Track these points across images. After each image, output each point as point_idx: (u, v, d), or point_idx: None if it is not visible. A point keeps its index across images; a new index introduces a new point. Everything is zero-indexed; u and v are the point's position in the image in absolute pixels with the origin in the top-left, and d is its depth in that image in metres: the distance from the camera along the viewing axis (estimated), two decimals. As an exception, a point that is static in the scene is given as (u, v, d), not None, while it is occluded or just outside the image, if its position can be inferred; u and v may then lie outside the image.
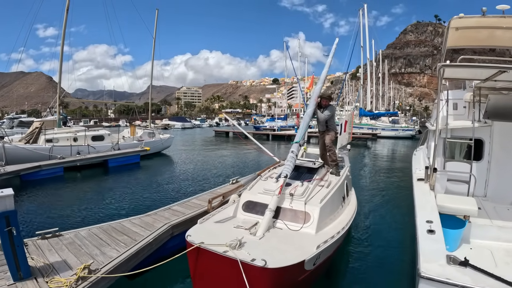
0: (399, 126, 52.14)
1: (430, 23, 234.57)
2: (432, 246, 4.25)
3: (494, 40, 8.48)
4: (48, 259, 5.40)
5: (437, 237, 4.47)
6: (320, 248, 4.61)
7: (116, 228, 6.97)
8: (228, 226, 5.40)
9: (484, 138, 7.91)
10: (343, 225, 5.96)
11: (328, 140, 8.26)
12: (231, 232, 4.97)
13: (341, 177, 7.60)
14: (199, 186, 14.49)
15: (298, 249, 4.56)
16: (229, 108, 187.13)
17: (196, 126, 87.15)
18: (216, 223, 5.51)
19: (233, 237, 4.46)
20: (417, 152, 12.95)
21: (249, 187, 6.75)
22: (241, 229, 5.15)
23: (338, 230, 5.59)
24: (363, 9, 55.21)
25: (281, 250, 4.54)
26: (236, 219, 5.78)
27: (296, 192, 5.95)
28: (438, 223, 4.88)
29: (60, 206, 11.32)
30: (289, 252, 4.45)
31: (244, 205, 6.07)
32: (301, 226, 5.40)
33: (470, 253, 4.79)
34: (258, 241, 4.78)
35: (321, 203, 5.78)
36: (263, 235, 4.97)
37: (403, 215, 10.11)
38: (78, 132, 20.90)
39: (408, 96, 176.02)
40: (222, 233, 4.94)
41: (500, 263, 4.62)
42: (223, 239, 4.41)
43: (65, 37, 22.13)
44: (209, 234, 4.90)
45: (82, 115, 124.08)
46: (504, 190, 7.60)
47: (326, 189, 6.53)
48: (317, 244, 4.70)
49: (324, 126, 8.37)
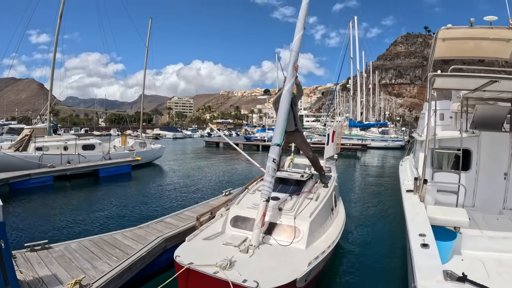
0: (388, 137, 52.63)
1: (420, 34, 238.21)
2: (427, 261, 4.18)
3: (480, 51, 8.67)
4: (37, 273, 5.30)
5: (431, 251, 4.41)
6: (311, 265, 4.58)
7: (107, 241, 6.87)
8: (217, 243, 5.31)
9: (472, 148, 8.00)
10: (333, 239, 5.92)
11: (307, 147, 7.70)
12: (220, 250, 4.90)
13: (329, 188, 7.56)
14: (191, 198, 14.40)
15: (289, 267, 4.50)
16: (220, 118, 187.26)
17: (188, 136, 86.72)
18: (204, 240, 5.42)
19: (223, 256, 4.41)
20: (404, 162, 12.99)
21: (237, 201, 6.66)
22: (231, 246, 5.06)
23: (329, 244, 5.55)
24: (353, 21, 56.05)
25: (272, 268, 4.48)
26: (224, 235, 5.69)
27: (285, 206, 5.91)
28: (431, 236, 4.83)
29: (50, 216, 11.14)
30: (281, 271, 4.40)
31: (232, 220, 5.97)
32: (291, 241, 5.33)
33: (462, 265, 4.82)
34: (248, 259, 4.71)
35: (310, 217, 5.74)
36: (253, 252, 4.90)
37: (393, 227, 10.17)
38: (68, 141, 20.70)
39: (398, 107, 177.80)
40: (212, 252, 4.87)
41: (492, 274, 4.64)
42: (213, 258, 4.35)
43: (57, 43, 21.98)
44: (198, 253, 4.82)
45: (73, 123, 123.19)
46: (492, 199, 7.71)
47: (315, 202, 6.48)
48: (308, 260, 4.66)
49: (293, 124, 7.35)
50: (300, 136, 7.67)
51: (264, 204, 5.36)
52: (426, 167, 7.04)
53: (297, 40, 6.58)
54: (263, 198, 5.41)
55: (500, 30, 7.44)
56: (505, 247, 5.28)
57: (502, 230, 5.91)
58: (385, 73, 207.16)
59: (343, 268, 7.51)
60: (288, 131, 7.20)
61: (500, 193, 7.62)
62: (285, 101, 6.23)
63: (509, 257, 5.11)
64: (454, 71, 6.48)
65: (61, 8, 21.48)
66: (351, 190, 16.84)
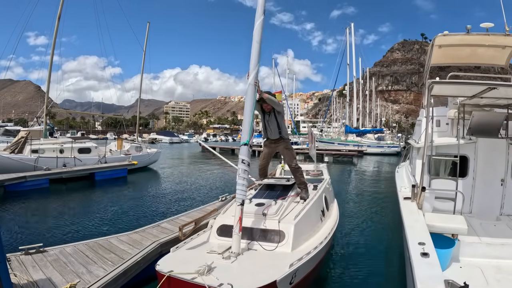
0: (384, 143, 52.69)
1: (416, 41, 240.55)
2: (428, 270, 4.10)
3: (476, 58, 8.73)
4: (32, 276, 5.23)
5: (431, 261, 4.32)
6: (293, 266, 4.48)
7: (103, 245, 6.82)
8: (201, 252, 5.24)
9: (469, 155, 7.97)
10: (322, 240, 5.81)
11: (290, 156, 7.25)
12: (203, 258, 4.81)
13: (318, 190, 7.51)
14: (187, 203, 14.34)
15: (270, 270, 4.41)
16: (217, 123, 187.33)
17: (184, 141, 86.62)
18: (188, 250, 5.35)
19: (204, 262, 4.36)
20: (400, 169, 12.91)
21: (223, 210, 6.59)
22: (214, 254, 4.99)
23: (315, 245, 5.46)
24: (350, 27, 56.43)
25: (253, 271, 4.42)
26: (209, 244, 5.61)
27: (269, 211, 5.81)
28: (431, 245, 4.76)
29: (45, 219, 11.08)
30: (261, 273, 4.32)
31: (218, 230, 5.89)
32: (276, 245, 5.27)
33: (461, 272, 4.80)
34: (229, 265, 4.66)
35: (295, 219, 5.67)
36: (236, 258, 4.84)
37: (390, 234, 10.10)
38: (64, 144, 20.63)
39: (394, 113, 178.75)
40: (194, 260, 4.77)
41: (491, 281, 4.62)
42: (194, 266, 4.30)
43: (55, 46, 21.99)
44: (181, 262, 4.76)
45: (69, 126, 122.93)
46: (490, 206, 7.68)
47: (301, 205, 6.42)
48: (290, 262, 4.57)
49: (277, 132, 7.02)
50: (284, 144, 7.27)
51: (239, 208, 5.12)
52: (424, 174, 7.04)
53: (258, 27, 5.73)
54: (237, 202, 5.17)
55: (496, 37, 7.49)
56: (503, 254, 5.26)
57: (500, 236, 5.89)
58: (382, 80, 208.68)
59: (340, 277, 7.42)
60: (272, 139, 7.18)
61: (497, 200, 7.62)
62: (249, 95, 5.65)
63: (508, 264, 5.10)
64: (453, 77, 6.51)
65: (59, 10, 21.52)
66: (347, 197, 16.78)
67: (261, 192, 7.11)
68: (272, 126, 6.93)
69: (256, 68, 5.66)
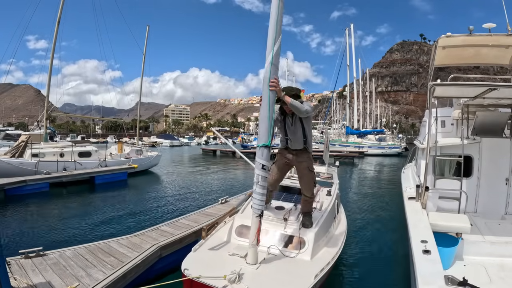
0: (385, 144, 52.71)
1: (415, 42, 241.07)
2: (429, 267, 4.23)
3: (480, 58, 8.75)
4: (31, 280, 5.18)
5: (433, 257, 4.45)
6: (317, 277, 4.51)
7: (102, 248, 6.77)
8: (223, 253, 5.25)
9: (473, 155, 8.04)
10: (337, 249, 5.85)
11: (310, 181, 5.84)
12: (227, 261, 4.86)
13: (332, 196, 7.49)
14: (187, 206, 14.27)
15: (296, 279, 4.46)
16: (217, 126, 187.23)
17: (184, 144, 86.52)
18: (210, 251, 5.35)
19: (230, 267, 4.37)
20: (406, 170, 13.05)
21: (241, 210, 6.59)
22: (237, 257, 5.01)
23: (333, 255, 5.48)
24: (350, 28, 56.47)
25: (280, 281, 4.44)
26: (230, 244, 5.63)
27: (290, 217, 5.84)
28: (433, 242, 4.88)
29: (45, 223, 10.99)
30: (288, 283, 4.38)
31: (237, 230, 5.91)
32: (296, 252, 5.28)
33: (465, 270, 4.82)
34: (255, 272, 4.65)
35: (315, 227, 5.70)
36: (260, 264, 4.84)
37: (395, 233, 10.07)
38: (65, 148, 20.58)
39: (394, 114, 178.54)
40: (219, 263, 4.83)
41: (494, 279, 4.66)
42: (221, 270, 4.33)
43: (55, 50, 22.03)
44: (205, 264, 4.77)
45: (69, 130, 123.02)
46: (494, 205, 7.74)
47: (319, 211, 6.43)
48: (315, 273, 4.59)
49: (302, 142, 5.65)
50: (307, 161, 5.76)
51: (257, 220, 4.89)
52: (428, 174, 7.08)
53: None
54: (255, 214, 4.90)
55: (499, 37, 7.51)
56: (507, 252, 5.30)
57: (504, 235, 5.93)
58: (381, 81, 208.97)
59: (346, 275, 7.44)
60: (294, 149, 5.75)
61: (502, 199, 7.68)
62: (266, 89, 4.82)
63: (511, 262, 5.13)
64: (454, 79, 6.55)
65: (59, 14, 21.53)
66: (350, 197, 16.74)
67: (278, 194, 7.13)
68: (295, 134, 5.59)
69: (276, 44, 4.74)
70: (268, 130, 4.81)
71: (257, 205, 4.90)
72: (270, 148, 4.90)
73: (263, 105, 4.85)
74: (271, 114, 4.82)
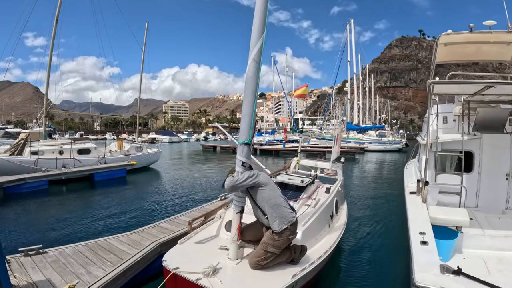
0: (386, 140, 52.70)
1: (414, 37, 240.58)
2: (425, 257, 4.38)
3: (481, 55, 8.78)
4: (31, 278, 5.18)
5: (430, 248, 4.61)
6: (296, 277, 4.41)
7: (102, 246, 6.76)
8: (208, 247, 5.25)
9: (474, 150, 8.12)
10: (327, 249, 5.74)
11: (259, 254, 4.66)
12: (209, 255, 4.84)
13: (330, 194, 7.44)
14: (186, 202, 14.26)
15: (273, 278, 4.40)
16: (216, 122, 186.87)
17: (184, 140, 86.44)
18: (196, 244, 5.35)
19: (211, 261, 4.39)
20: (409, 165, 13.22)
21: (232, 205, 6.60)
22: (220, 251, 5.02)
23: (320, 255, 5.35)
24: (350, 24, 56.28)
25: (256, 278, 4.40)
26: (218, 238, 5.63)
27: None
28: (431, 234, 5.02)
29: (44, 221, 10.99)
30: (264, 281, 4.33)
31: (227, 224, 5.87)
32: None
33: (464, 263, 4.85)
34: (234, 267, 4.64)
35: (304, 225, 5.63)
36: (241, 260, 4.82)
37: (396, 228, 10.14)
38: (64, 145, 20.54)
39: (393, 110, 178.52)
40: (201, 256, 4.82)
41: (493, 271, 4.73)
42: (201, 263, 4.33)
43: (54, 47, 21.94)
44: (187, 257, 4.77)
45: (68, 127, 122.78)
46: (495, 200, 7.83)
47: (312, 209, 6.41)
48: (294, 272, 4.52)
49: (264, 219, 4.82)
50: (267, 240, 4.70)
51: (238, 216, 4.88)
52: (429, 169, 7.13)
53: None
54: (236, 210, 4.91)
55: (500, 34, 7.54)
56: (507, 246, 5.36)
57: (504, 229, 5.98)
58: (380, 76, 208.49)
59: (345, 267, 7.52)
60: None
61: (502, 194, 7.74)
62: (250, 79, 4.87)
63: (510, 255, 5.18)
64: (453, 77, 6.58)
65: (57, 11, 21.43)
66: (351, 192, 16.73)
67: None
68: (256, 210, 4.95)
69: (259, 42, 4.79)
70: (250, 127, 4.86)
71: (237, 202, 4.94)
72: (250, 145, 4.92)
73: (245, 103, 4.90)
74: (253, 111, 4.88)
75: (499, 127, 7.45)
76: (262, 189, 4.75)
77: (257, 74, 4.85)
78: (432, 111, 8.25)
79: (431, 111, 8.13)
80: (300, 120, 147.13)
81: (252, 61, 4.79)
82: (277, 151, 42.33)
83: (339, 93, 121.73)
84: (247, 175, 4.67)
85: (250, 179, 4.66)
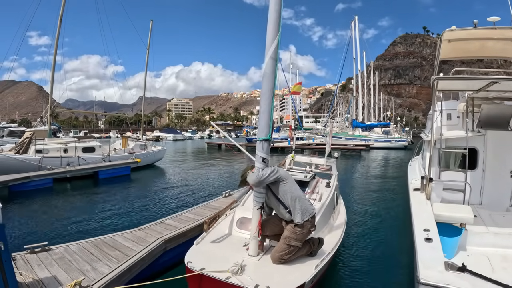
0: (391, 137, 52.54)
1: (418, 34, 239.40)
2: (430, 253, 4.37)
3: (485, 51, 8.73)
4: (37, 275, 5.20)
5: (434, 245, 4.61)
6: (318, 267, 4.57)
7: (107, 242, 6.79)
8: (225, 246, 5.31)
9: (478, 147, 8.07)
10: (337, 239, 5.90)
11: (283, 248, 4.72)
12: (229, 253, 4.90)
13: (331, 188, 7.56)
14: (191, 199, 14.31)
15: (296, 270, 4.51)
16: (220, 120, 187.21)
17: (188, 138, 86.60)
18: (212, 243, 5.39)
19: (233, 260, 4.43)
20: (413, 162, 13.19)
21: (242, 202, 6.65)
22: (239, 249, 5.08)
23: (332, 246, 5.53)
24: (354, 21, 56.04)
25: (281, 272, 4.48)
26: (231, 237, 5.69)
27: None
28: (435, 231, 5.01)
29: (49, 218, 11.06)
30: (289, 274, 4.41)
31: (238, 222, 5.96)
32: None
33: (468, 260, 4.84)
34: (257, 263, 4.70)
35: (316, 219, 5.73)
36: (261, 255, 4.89)
37: (400, 224, 10.09)
38: (68, 143, 20.67)
39: (397, 107, 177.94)
40: (221, 255, 4.87)
41: (497, 269, 4.70)
42: (223, 263, 4.38)
43: (58, 46, 22.06)
44: (208, 257, 4.79)
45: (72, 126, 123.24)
46: (499, 197, 7.76)
47: (318, 203, 6.51)
48: (315, 263, 4.66)
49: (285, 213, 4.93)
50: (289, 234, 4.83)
51: (258, 212, 4.91)
52: (434, 166, 7.10)
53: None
54: (256, 206, 4.93)
55: (504, 30, 7.48)
56: (511, 243, 5.33)
57: (508, 227, 5.95)
58: (384, 73, 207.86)
59: (350, 264, 7.50)
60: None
61: (506, 191, 7.66)
62: (267, 75, 4.86)
63: None
64: (457, 73, 6.55)
65: (61, 11, 21.54)
66: (356, 189, 16.76)
67: None
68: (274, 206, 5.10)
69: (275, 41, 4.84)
70: (269, 124, 4.91)
71: (258, 198, 4.96)
72: (270, 141, 4.98)
73: (263, 100, 4.94)
74: (271, 108, 4.89)
75: (504, 124, 7.41)
76: (283, 183, 4.90)
77: (275, 71, 4.93)
78: (436, 108, 8.21)
79: (435, 108, 8.11)
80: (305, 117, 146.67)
81: (270, 59, 4.83)
82: (283, 149, 42.23)
83: (343, 90, 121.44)
84: (270, 171, 4.77)
85: (272, 173, 4.78)
